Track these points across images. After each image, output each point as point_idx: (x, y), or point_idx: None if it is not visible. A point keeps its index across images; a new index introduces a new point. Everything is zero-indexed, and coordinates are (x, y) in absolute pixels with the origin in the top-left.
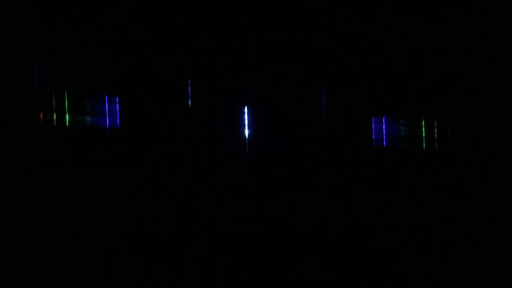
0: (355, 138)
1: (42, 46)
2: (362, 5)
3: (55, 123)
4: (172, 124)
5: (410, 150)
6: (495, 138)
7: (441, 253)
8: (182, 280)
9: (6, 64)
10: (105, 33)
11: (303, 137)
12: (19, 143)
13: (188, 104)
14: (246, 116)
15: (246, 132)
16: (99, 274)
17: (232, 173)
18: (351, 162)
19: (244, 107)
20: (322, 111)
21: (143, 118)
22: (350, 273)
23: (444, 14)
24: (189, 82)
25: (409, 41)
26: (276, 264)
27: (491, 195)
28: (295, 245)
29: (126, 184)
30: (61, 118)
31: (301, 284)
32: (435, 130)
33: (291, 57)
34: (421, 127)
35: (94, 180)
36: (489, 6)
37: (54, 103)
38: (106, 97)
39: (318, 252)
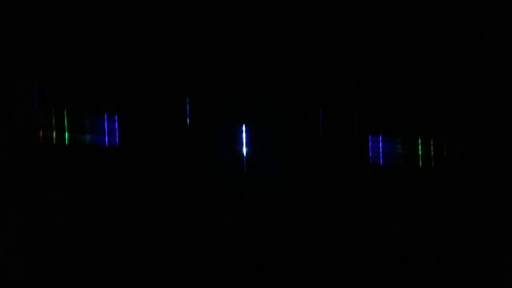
0: (352, 156)
1: (41, 64)
2: (359, 23)
3: (54, 141)
4: (170, 142)
5: (407, 167)
6: (492, 156)
7: (437, 270)
8: None
9: (6, 83)
10: (104, 51)
11: (300, 155)
12: (19, 160)
13: (187, 122)
14: (244, 134)
15: (244, 150)
16: None
17: (230, 191)
18: (348, 179)
19: (242, 125)
20: (319, 129)
21: (142, 136)
22: None
23: (440, 33)
24: (187, 100)
25: (406, 59)
26: (275, 281)
27: (488, 213)
28: (293, 262)
29: (125, 201)
30: (60, 136)
31: None
32: (432, 148)
33: (289, 76)
34: (418, 145)
35: (93, 198)
36: (486, 25)
37: (53, 121)
38: (105, 115)
39: (316, 269)
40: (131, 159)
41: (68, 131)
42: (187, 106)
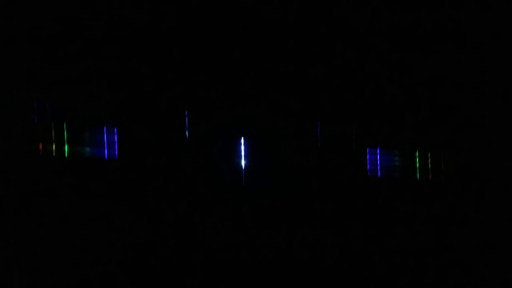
0: (350, 168)
1: (41, 78)
2: (357, 37)
3: (54, 154)
4: (169, 155)
5: (404, 180)
6: (488, 169)
7: (435, 283)
8: None
9: (6, 96)
10: (103, 65)
11: (298, 168)
12: (19, 173)
13: (185, 135)
14: (242, 147)
15: (243, 163)
16: None
17: (228, 204)
18: (346, 192)
19: (241, 138)
20: (317, 142)
21: (141, 149)
22: None
23: (437, 47)
24: (186, 113)
25: (403, 73)
26: None
27: (485, 226)
28: (290, 275)
29: (124, 214)
30: (60, 149)
31: None
32: (429, 160)
33: (287, 88)
34: (415, 157)
35: (92, 211)
36: (482, 40)
37: (53, 134)
38: (105, 128)
39: (314, 282)
40: (131, 172)
41: (67, 144)
42: (186, 118)
